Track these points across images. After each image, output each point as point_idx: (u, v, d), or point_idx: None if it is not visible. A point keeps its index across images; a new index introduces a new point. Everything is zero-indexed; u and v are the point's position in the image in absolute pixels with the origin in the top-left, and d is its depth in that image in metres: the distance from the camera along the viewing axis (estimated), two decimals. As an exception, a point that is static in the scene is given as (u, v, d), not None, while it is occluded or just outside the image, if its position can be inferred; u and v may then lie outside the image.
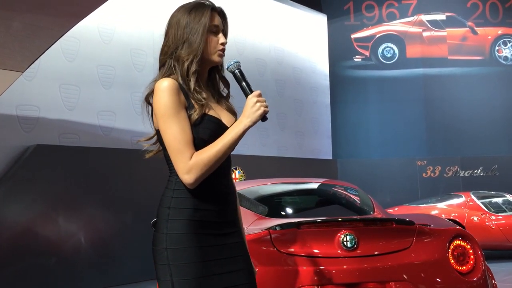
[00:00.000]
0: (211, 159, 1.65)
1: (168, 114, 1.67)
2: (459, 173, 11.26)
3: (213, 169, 1.67)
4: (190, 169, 1.64)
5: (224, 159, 1.69)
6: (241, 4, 9.37)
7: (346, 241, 2.63)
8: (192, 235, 1.67)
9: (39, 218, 5.84)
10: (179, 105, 1.68)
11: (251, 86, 1.76)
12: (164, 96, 1.67)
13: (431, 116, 12.33)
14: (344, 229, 2.65)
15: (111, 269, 6.32)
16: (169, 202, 1.70)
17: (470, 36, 12.83)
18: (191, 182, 1.64)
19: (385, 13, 12.82)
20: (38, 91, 6.20)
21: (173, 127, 1.66)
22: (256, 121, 1.70)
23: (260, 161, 8.92)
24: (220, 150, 1.66)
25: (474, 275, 2.75)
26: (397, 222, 2.78)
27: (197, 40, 1.73)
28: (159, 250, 1.67)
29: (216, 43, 1.77)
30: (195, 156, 1.65)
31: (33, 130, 6.10)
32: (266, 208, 3.35)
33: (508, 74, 12.70)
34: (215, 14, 1.78)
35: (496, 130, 12.24)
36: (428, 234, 2.80)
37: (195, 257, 1.66)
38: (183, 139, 1.65)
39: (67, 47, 6.52)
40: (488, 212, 7.75)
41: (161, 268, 1.67)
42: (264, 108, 1.72)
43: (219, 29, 1.78)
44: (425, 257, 2.69)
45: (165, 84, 1.68)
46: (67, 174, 6.14)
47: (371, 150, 12.25)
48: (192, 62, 1.73)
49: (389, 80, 12.58)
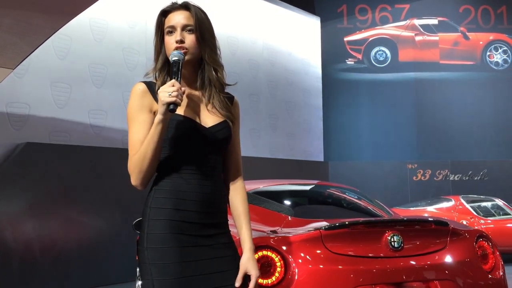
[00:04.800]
0: (138, 159, 1.64)
1: (129, 118, 1.71)
2: (449, 177, 11.33)
3: (148, 169, 1.64)
4: (129, 171, 1.66)
5: (151, 156, 1.63)
6: (234, 5, 9.37)
7: (393, 242, 2.70)
8: (172, 235, 1.65)
9: (28, 216, 5.79)
10: (140, 108, 1.70)
11: (174, 78, 1.63)
12: (129, 100, 1.73)
13: (422, 119, 12.40)
14: (390, 229, 2.74)
15: (100, 268, 6.28)
16: (150, 202, 1.70)
17: (461, 41, 12.93)
18: (133, 184, 1.67)
19: (378, 17, 12.88)
20: (29, 88, 6.16)
21: (130, 130, 1.70)
22: (163, 112, 1.59)
23: (251, 162, 8.91)
24: (143, 148, 1.64)
25: (496, 273, 2.93)
26: (436, 223, 2.92)
27: (156, 45, 1.79)
28: (140, 249, 1.68)
29: (172, 42, 1.74)
30: (130, 158, 1.67)
31: (23, 128, 6.05)
32: (290, 209, 3.35)
33: (499, 80, 12.81)
34: (171, 14, 1.76)
35: (486, 135, 12.33)
36: (459, 235, 2.94)
37: (175, 257, 1.64)
38: (131, 142, 1.68)
39: (59, 45, 6.48)
40: (477, 216, 7.80)
41: (143, 267, 1.67)
42: (165, 97, 1.58)
43: (174, 28, 1.74)
44: (460, 256, 2.84)
45: (132, 88, 1.74)
46: (57, 173, 6.09)
47: (362, 152, 12.29)
48: (156, 63, 1.78)
49: (381, 84, 12.64)
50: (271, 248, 2.63)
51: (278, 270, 2.59)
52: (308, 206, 3.77)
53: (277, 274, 2.59)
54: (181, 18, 1.75)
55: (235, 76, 9.26)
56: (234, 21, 9.23)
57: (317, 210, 3.66)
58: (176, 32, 1.74)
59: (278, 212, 3.28)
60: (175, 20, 1.75)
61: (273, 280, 2.58)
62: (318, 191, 4.00)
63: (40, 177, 5.93)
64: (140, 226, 1.72)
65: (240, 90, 9.37)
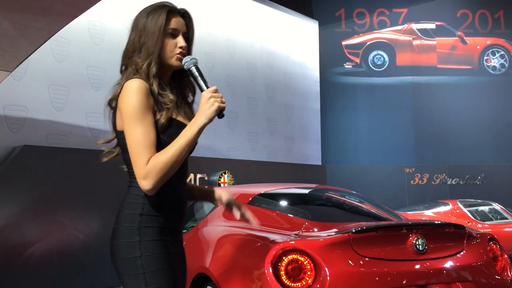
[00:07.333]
0: (167, 163, 1.56)
1: (134, 116, 1.60)
2: (447, 181, 11.34)
3: (171, 174, 1.59)
4: (147, 174, 1.55)
5: (181, 161, 1.60)
6: (232, 9, 9.38)
7: (418, 244, 2.75)
8: (163, 242, 1.64)
9: (25, 219, 5.77)
10: (147, 107, 1.62)
11: (208, 83, 1.65)
12: (133, 97, 1.61)
13: (420, 123, 12.42)
14: (415, 232, 2.79)
15: (100, 271, 6.26)
16: (140, 209, 1.64)
17: (459, 45, 12.96)
18: (148, 189, 1.56)
19: (376, 21, 12.90)
20: (26, 91, 6.14)
21: (138, 129, 1.59)
22: (212, 118, 1.59)
23: (249, 165, 8.90)
24: (176, 152, 1.57)
25: (505, 274, 3.01)
26: (455, 227, 3.00)
27: (152, 44, 1.67)
28: (130, 259, 1.62)
29: (174, 46, 1.70)
30: (152, 160, 1.56)
31: (20, 131, 6.04)
32: (306, 212, 3.34)
33: (496, 84, 12.84)
34: (174, 16, 1.72)
35: (483, 139, 12.35)
36: (473, 238, 3.02)
37: (168, 263, 1.63)
38: (145, 143, 1.58)
39: (57, 48, 6.47)
40: (475, 220, 7.80)
41: (132, 278, 1.61)
42: (219, 103, 1.59)
43: (178, 32, 1.71)
44: (476, 258, 2.92)
45: (135, 85, 1.62)
46: (54, 176, 6.08)
47: (360, 156, 12.30)
48: (150, 66, 1.67)
49: (379, 87, 12.66)
50: (301, 252, 2.61)
51: (308, 274, 2.57)
52: (322, 209, 3.77)
53: (308, 278, 2.56)
54: (183, 24, 1.74)
55: (233, 80, 9.27)
56: (232, 25, 9.24)
57: (332, 213, 3.65)
58: (179, 37, 1.71)
59: (294, 215, 3.27)
60: (179, 24, 1.73)
61: (303, 284, 2.55)
62: (327, 195, 3.98)
63: (37, 180, 5.91)
64: (126, 234, 1.65)
65: (238, 94, 9.38)
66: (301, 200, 3.87)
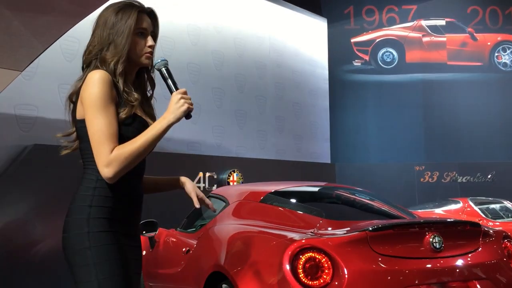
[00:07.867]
0: (132, 154, 1.61)
1: (97, 105, 1.63)
2: (457, 178, 11.26)
3: (133, 165, 1.64)
4: (110, 162, 1.60)
5: (145, 154, 1.67)
6: (241, 7, 9.37)
7: (435, 242, 2.76)
8: (112, 233, 1.66)
9: (35, 217, 5.81)
10: (110, 98, 1.66)
11: (177, 84, 1.73)
12: (96, 86, 1.64)
13: (430, 121, 12.33)
14: (431, 230, 2.79)
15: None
16: (89, 200, 1.67)
17: (469, 42, 12.85)
18: (109, 176, 1.60)
19: (385, 18, 12.83)
20: (37, 90, 6.18)
21: (100, 119, 1.63)
22: (180, 117, 1.65)
23: (258, 164, 8.90)
24: (141, 145, 1.62)
25: None
26: (471, 225, 3.03)
27: (122, 42, 1.70)
28: (79, 250, 1.63)
29: (144, 45, 1.75)
30: (116, 149, 1.61)
31: (31, 130, 6.07)
32: (320, 210, 3.32)
33: (507, 81, 12.72)
34: (144, 16, 1.76)
35: (494, 137, 12.25)
36: (489, 236, 3.04)
37: (118, 254, 1.65)
38: (108, 132, 1.62)
39: (67, 47, 6.50)
40: (486, 218, 7.74)
41: (83, 270, 1.62)
42: (188, 105, 1.66)
43: (147, 31, 1.76)
44: (493, 256, 2.93)
45: (98, 75, 1.66)
46: (65, 174, 6.08)
47: (369, 154, 12.24)
48: (118, 64, 1.70)
49: (388, 85, 12.59)
50: (318, 250, 2.60)
51: (326, 272, 2.56)
52: (335, 207, 3.75)
53: (325, 276, 2.55)
54: (150, 24, 1.78)
55: (242, 78, 9.26)
56: (240, 23, 9.22)
57: (345, 211, 3.64)
58: (148, 37, 1.76)
59: (308, 213, 3.25)
60: (148, 24, 1.77)
61: (321, 282, 2.54)
62: (339, 193, 3.95)
63: (48, 179, 5.94)
64: (76, 226, 1.66)
65: (247, 92, 9.37)
66: (313, 198, 3.85)
